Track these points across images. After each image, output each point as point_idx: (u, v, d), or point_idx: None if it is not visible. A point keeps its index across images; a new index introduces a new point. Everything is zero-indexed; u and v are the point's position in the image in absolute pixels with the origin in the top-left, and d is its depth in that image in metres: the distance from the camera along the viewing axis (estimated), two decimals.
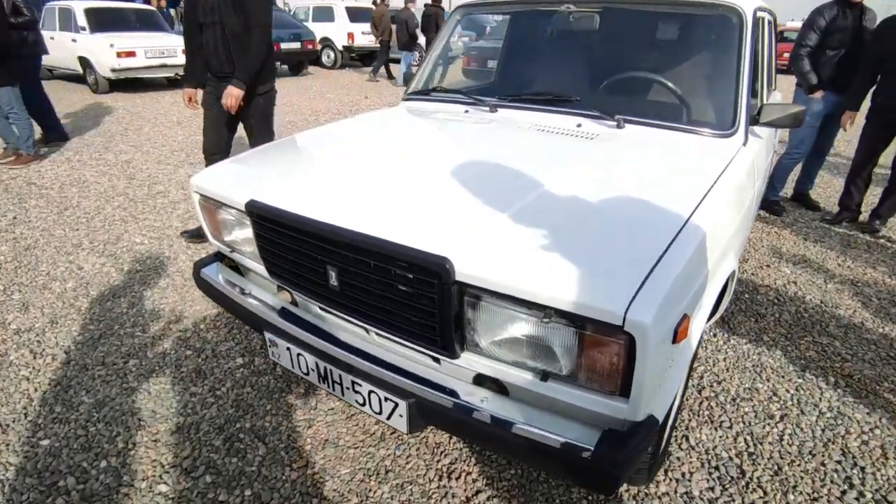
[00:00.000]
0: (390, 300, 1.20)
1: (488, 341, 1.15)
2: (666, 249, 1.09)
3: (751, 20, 1.82)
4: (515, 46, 2.66)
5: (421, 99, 2.30)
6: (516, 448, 1.14)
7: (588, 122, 1.84)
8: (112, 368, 2.06)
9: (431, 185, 1.38)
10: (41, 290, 2.61)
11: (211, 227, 1.70)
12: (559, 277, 1.02)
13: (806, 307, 2.68)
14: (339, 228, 1.21)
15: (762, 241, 3.48)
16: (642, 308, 0.94)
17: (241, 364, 2.10)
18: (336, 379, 1.36)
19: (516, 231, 1.16)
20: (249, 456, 1.68)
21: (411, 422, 1.25)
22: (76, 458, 1.65)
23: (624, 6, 2.03)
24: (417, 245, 1.12)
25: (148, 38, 8.21)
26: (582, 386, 1.08)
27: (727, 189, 1.48)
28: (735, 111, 1.74)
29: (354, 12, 12.63)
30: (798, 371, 2.18)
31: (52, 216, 3.51)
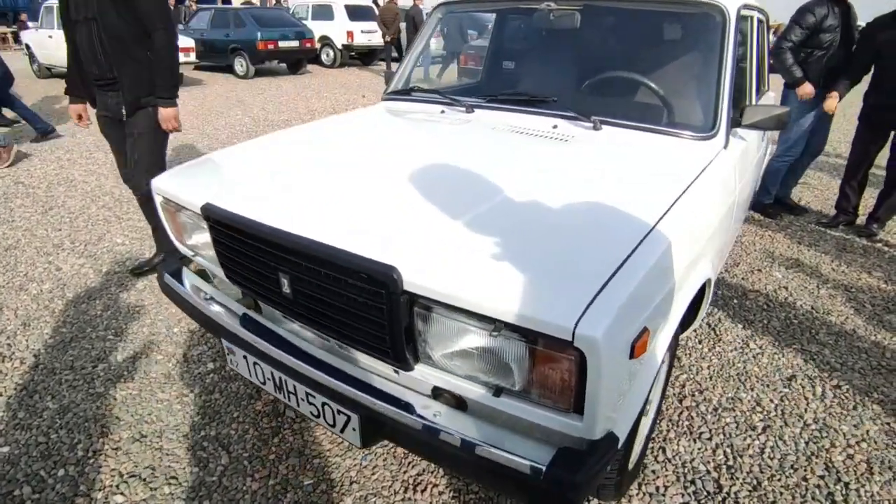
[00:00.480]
0: (341, 310, 1.15)
1: (440, 354, 1.10)
2: (625, 260, 1.04)
3: (734, 19, 1.76)
4: (498, 46, 2.61)
5: (399, 99, 2.25)
6: (467, 465, 1.09)
7: (564, 123, 1.78)
8: (80, 373, 2.02)
9: (389, 191, 1.33)
10: (17, 291, 2.58)
11: (174, 230, 1.65)
12: (509, 289, 0.97)
13: (796, 313, 2.62)
14: (287, 234, 1.16)
15: (755, 244, 3.41)
16: (593, 322, 0.89)
17: (212, 369, 2.06)
18: (291, 389, 1.31)
19: (470, 240, 1.11)
20: (211, 465, 1.64)
21: (364, 436, 1.21)
22: (34, 467, 1.61)
23: (606, 4, 1.97)
24: (366, 253, 1.07)
25: None
26: (535, 402, 1.03)
27: (702, 194, 1.42)
28: (715, 113, 1.68)
29: (354, 10, 12.58)
30: (784, 381, 2.12)
31: (37, 216, 3.48)
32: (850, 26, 3.29)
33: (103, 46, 2.24)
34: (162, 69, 2.29)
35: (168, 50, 2.28)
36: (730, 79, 1.70)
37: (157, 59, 2.28)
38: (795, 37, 3.27)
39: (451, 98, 2.04)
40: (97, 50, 2.25)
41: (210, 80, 10.17)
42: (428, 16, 2.43)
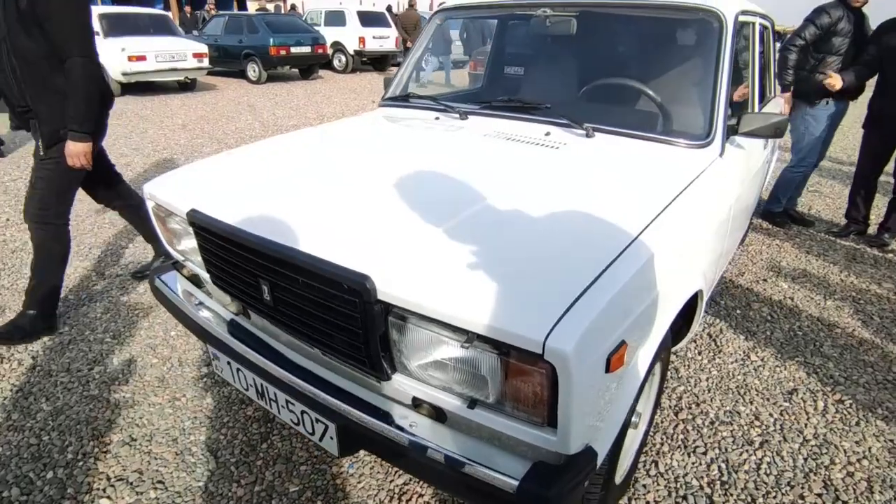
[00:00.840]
0: (319, 318, 1.14)
1: (416, 364, 1.09)
2: (603, 271, 1.01)
3: (732, 25, 1.73)
4: (499, 51, 2.60)
5: (397, 105, 2.25)
6: (440, 476, 1.08)
7: (557, 130, 1.76)
8: (76, 375, 2.04)
9: (371, 199, 1.32)
10: (21, 293, 2.61)
11: (165, 234, 1.66)
12: (482, 299, 0.95)
13: (801, 325, 2.56)
14: (266, 241, 1.16)
15: (761, 253, 3.35)
16: (564, 335, 0.87)
17: (206, 374, 2.07)
18: (272, 397, 1.31)
19: (446, 248, 1.10)
20: (199, 470, 1.64)
21: (342, 445, 1.20)
22: (24, 469, 1.62)
23: (601, 10, 1.95)
24: (341, 261, 1.06)
25: (159, 42, 8.31)
26: (509, 415, 1.01)
27: (693, 203, 1.40)
28: (711, 120, 1.65)
29: (366, 17, 12.69)
30: (785, 394, 2.07)
31: None
32: (863, 35, 3.23)
33: (14, 72, 1.97)
34: (76, 100, 1.98)
35: (84, 81, 1.96)
36: (726, 86, 1.67)
37: (71, 88, 1.97)
38: (809, 35, 3.20)
39: (446, 105, 2.04)
40: (9, 75, 1.99)
41: (223, 84, 10.30)
42: (427, 21, 2.43)
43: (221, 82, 10.59)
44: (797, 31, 3.29)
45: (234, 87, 10.11)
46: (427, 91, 2.40)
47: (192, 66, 8.66)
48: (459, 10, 2.35)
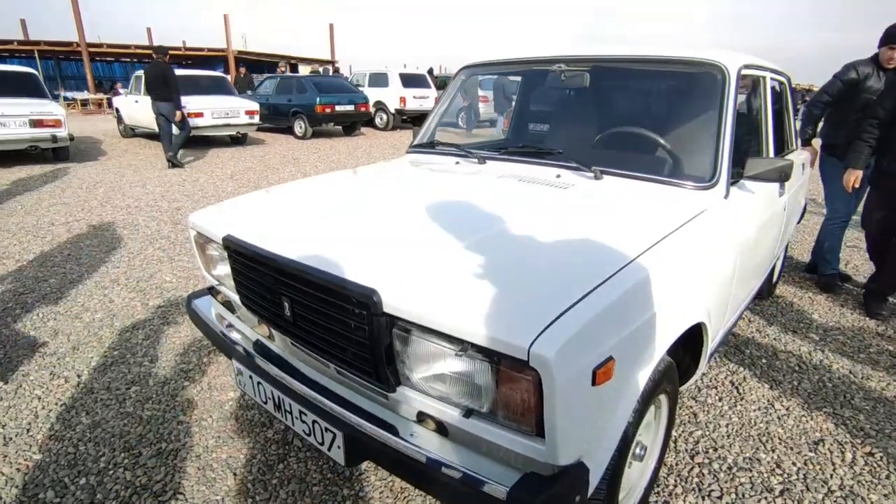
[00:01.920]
0: (332, 330, 1.25)
1: (418, 375, 1.16)
2: (593, 289, 1.09)
3: (734, 77, 1.84)
4: (522, 106, 2.77)
5: (422, 151, 2.42)
6: (438, 486, 1.12)
7: (567, 173, 1.87)
8: (114, 393, 2.18)
9: (386, 225, 1.44)
10: (73, 319, 2.83)
11: (203, 261, 1.83)
12: (477, 312, 1.04)
13: (831, 377, 2.48)
14: (287, 260, 1.29)
15: (791, 305, 3.29)
16: (548, 343, 0.94)
17: (232, 398, 2.17)
18: (287, 408, 1.40)
19: (450, 267, 1.20)
20: (218, 485, 1.71)
21: (348, 454, 1.26)
22: (60, 474, 1.74)
23: (612, 65, 2.10)
24: (352, 277, 1.17)
25: (215, 100, 9.05)
26: (501, 424, 1.07)
27: (693, 237, 1.46)
28: (715, 164, 1.73)
29: (408, 78, 13.44)
30: (810, 444, 2.00)
31: (101, 255, 3.84)
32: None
33: None
34: None
35: None
36: (730, 132, 1.76)
37: None
38: (835, 91, 3.20)
39: (466, 150, 2.19)
40: None
41: (271, 140, 11.00)
42: (453, 78, 2.64)
43: (270, 137, 11.31)
44: (824, 88, 3.33)
45: (282, 141, 10.78)
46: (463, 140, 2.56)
47: (244, 122, 9.34)
48: (483, 67, 2.55)
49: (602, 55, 2.10)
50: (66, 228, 4.46)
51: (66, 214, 4.91)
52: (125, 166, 7.54)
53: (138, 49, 23.73)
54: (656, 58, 1.99)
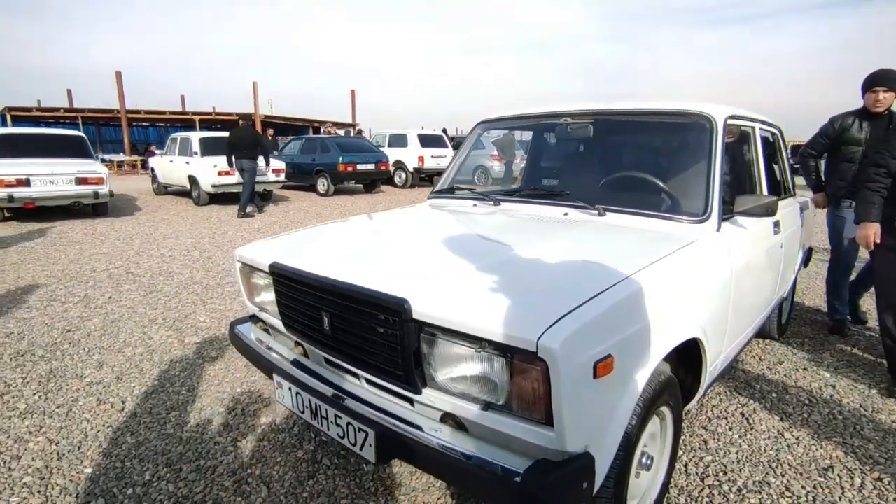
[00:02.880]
0: (366, 339, 1.43)
1: (442, 375, 1.33)
2: (595, 295, 1.26)
3: (721, 126, 2.06)
4: (532, 154, 3.03)
5: (441, 196, 2.66)
6: (460, 474, 1.26)
7: (574, 211, 2.08)
8: (156, 417, 2.34)
9: (410, 250, 1.65)
10: (116, 353, 3.04)
11: (247, 290, 2.04)
12: (493, 314, 1.21)
13: (841, 410, 2.54)
14: (327, 279, 1.49)
15: (803, 344, 3.36)
16: (553, 336, 1.11)
17: (264, 423, 2.32)
18: (324, 414, 1.55)
19: (470, 281, 1.39)
20: (252, 497, 1.84)
21: (378, 451, 1.40)
22: (109, 485, 1.88)
23: (612, 117, 2.35)
24: (385, 290, 1.37)
25: None
26: (515, 415, 1.22)
27: (687, 260, 1.64)
28: (706, 200, 1.92)
29: (426, 139, 14.10)
30: (820, 470, 2.06)
31: (139, 297, 4.09)
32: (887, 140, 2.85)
33: None
34: None
35: None
36: (719, 172, 1.96)
37: None
38: (816, 147, 3.42)
39: (482, 194, 2.42)
40: None
41: (295, 196, 11.52)
42: (470, 132, 2.92)
43: (294, 195, 11.85)
44: (809, 143, 3.47)
45: (305, 198, 11.28)
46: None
47: (271, 179, 9.86)
48: (497, 122, 2.83)
49: (603, 108, 2.36)
50: (106, 275, 4.76)
51: (107, 262, 5.24)
52: (158, 221, 7.98)
53: (172, 114, 25.29)
54: (652, 110, 2.23)
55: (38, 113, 21.81)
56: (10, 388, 2.61)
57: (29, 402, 2.48)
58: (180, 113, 25.79)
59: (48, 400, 2.49)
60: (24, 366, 2.85)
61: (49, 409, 2.41)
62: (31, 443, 2.15)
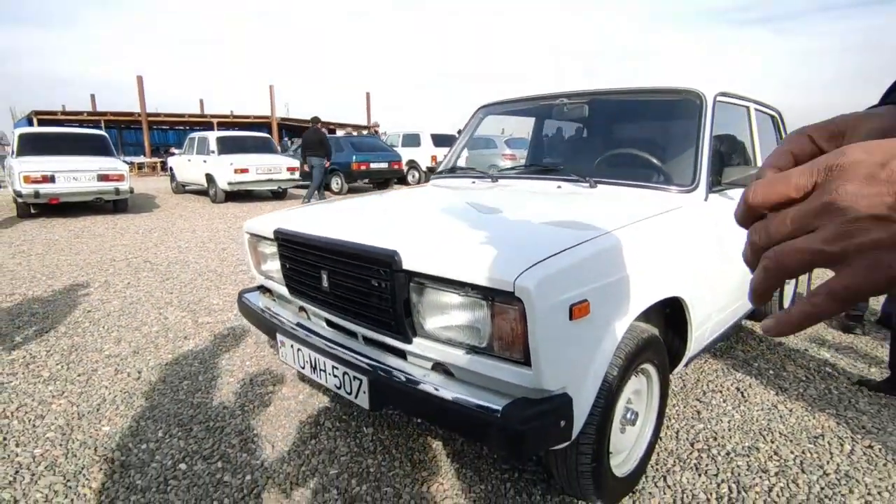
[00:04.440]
0: (361, 292, 1.52)
1: (431, 324, 1.41)
2: (572, 246, 1.34)
3: (711, 102, 2.12)
4: (535, 138, 3.10)
5: (443, 177, 2.75)
6: (445, 415, 1.34)
7: (567, 184, 2.15)
8: (169, 385, 2.47)
9: (405, 215, 1.74)
10: (133, 331, 3.18)
11: (254, 260, 2.15)
12: (476, 261, 1.30)
13: (837, 386, 2.57)
14: (325, 238, 1.59)
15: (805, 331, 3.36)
16: (529, 277, 1.19)
17: (271, 391, 2.43)
18: (322, 367, 1.65)
19: (459, 235, 1.47)
20: (258, 454, 1.94)
21: (372, 399, 1.49)
22: (125, 440, 2.00)
23: (608, 97, 2.42)
24: (377, 245, 1.46)
25: (259, 158, 9.84)
26: (497, 357, 1.30)
27: (672, 224, 1.70)
28: (695, 171, 1.98)
29: (439, 138, 14.21)
30: (810, 438, 2.10)
31: (156, 283, 4.25)
32: None
33: None
34: None
35: None
36: (708, 145, 2.02)
37: None
38: None
39: (482, 172, 2.51)
40: None
41: None
42: (472, 117, 3.01)
43: None
44: None
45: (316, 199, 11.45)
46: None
47: (286, 177, 10.06)
48: (497, 105, 2.91)
49: (599, 89, 2.43)
50: (125, 264, 4.94)
51: (126, 253, 5.42)
52: (176, 217, 8.20)
53: (191, 117, 25.82)
54: (646, 89, 2.30)
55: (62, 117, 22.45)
56: (35, 359, 2.76)
57: (52, 370, 2.62)
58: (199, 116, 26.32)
59: (69, 369, 2.63)
60: (48, 341, 3.01)
61: (70, 377, 2.55)
62: (53, 405, 2.28)
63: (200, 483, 1.77)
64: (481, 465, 1.88)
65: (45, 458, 1.90)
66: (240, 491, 1.73)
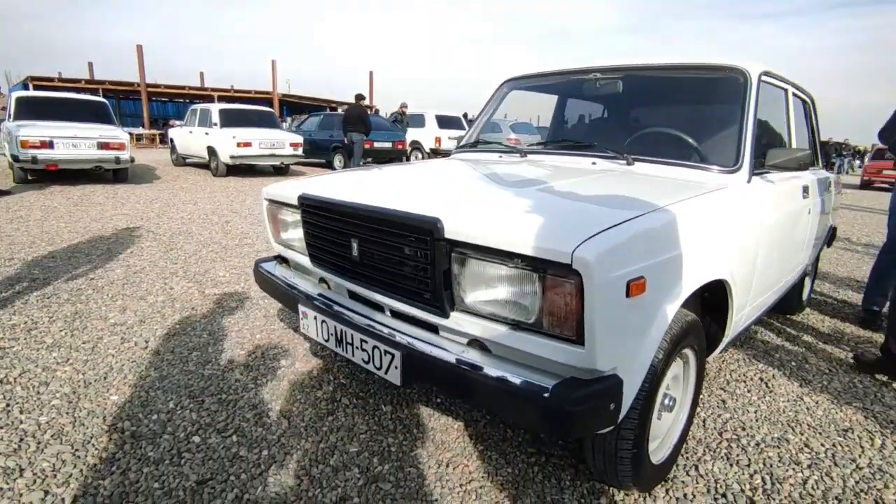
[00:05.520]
0: (396, 262, 1.43)
1: (472, 297, 1.33)
2: (628, 219, 1.25)
3: (756, 80, 2.02)
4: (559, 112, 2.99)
5: (467, 150, 2.65)
6: (487, 393, 1.26)
7: (602, 161, 2.06)
8: (178, 356, 2.38)
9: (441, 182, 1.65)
10: (138, 300, 3.09)
11: (273, 228, 2.05)
12: (527, 230, 1.21)
13: (861, 379, 2.51)
14: (357, 204, 1.49)
15: (824, 321, 3.32)
16: (589, 249, 1.10)
17: (284, 365, 2.35)
18: (349, 340, 1.57)
19: (503, 204, 1.38)
20: (274, 428, 1.87)
21: (404, 373, 1.42)
22: (134, 411, 1.92)
23: (644, 73, 2.31)
24: (416, 211, 1.37)
25: (263, 132, 9.65)
26: (545, 334, 1.22)
27: (717, 203, 1.62)
28: (738, 151, 1.89)
29: (444, 120, 14.03)
30: (839, 431, 2.05)
31: (160, 253, 4.15)
32: None
33: None
34: None
35: None
36: (752, 125, 1.93)
37: None
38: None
39: (508, 147, 2.41)
40: None
41: (310, 172, 11.55)
42: (496, 90, 2.90)
43: (310, 170, 11.87)
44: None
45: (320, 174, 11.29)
46: None
47: (289, 153, 9.89)
48: (524, 79, 2.80)
49: (635, 64, 2.33)
50: (128, 233, 4.83)
51: (127, 222, 5.30)
52: (178, 189, 8.05)
53: (192, 90, 25.40)
54: (686, 65, 2.19)
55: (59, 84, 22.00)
56: (38, 324, 2.67)
57: (56, 337, 2.53)
58: (199, 89, 25.89)
59: (74, 336, 2.55)
60: (50, 307, 2.91)
61: (75, 344, 2.46)
62: (58, 372, 2.20)
63: (216, 457, 1.69)
64: (506, 447, 1.82)
65: (51, 426, 1.82)
66: (257, 466, 1.66)
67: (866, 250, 5.78)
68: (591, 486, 1.64)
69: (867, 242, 6.30)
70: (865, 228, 7.44)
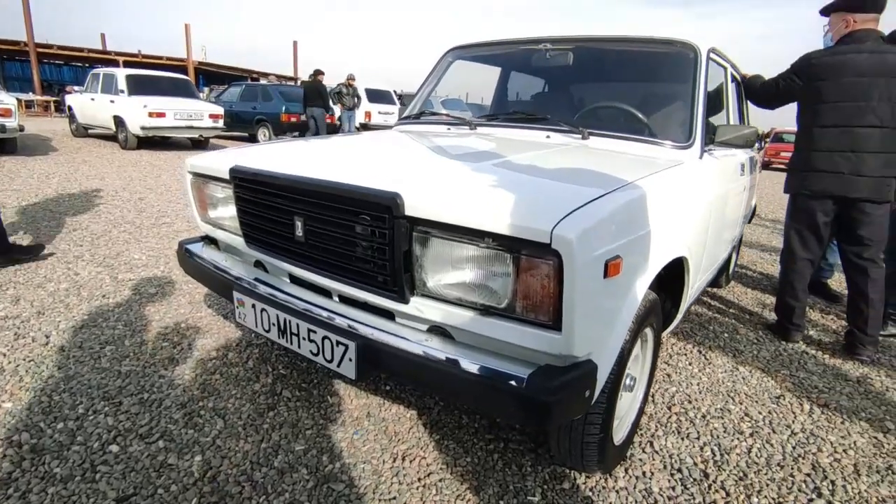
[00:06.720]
0: (348, 243, 1.28)
1: (435, 280, 1.21)
2: (603, 195, 1.18)
3: (705, 55, 2.02)
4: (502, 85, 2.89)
5: (410, 122, 2.49)
6: (457, 383, 1.16)
7: (556, 135, 1.99)
8: (88, 352, 2.09)
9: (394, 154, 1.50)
10: (35, 288, 2.70)
11: (199, 205, 1.81)
12: (499, 207, 1.10)
13: (786, 348, 2.67)
14: (304, 178, 1.32)
15: (747, 293, 3.52)
16: (569, 227, 1.01)
17: (215, 356, 2.13)
18: (294, 330, 1.40)
19: (469, 179, 1.26)
20: (207, 429, 1.67)
21: (359, 366, 1.28)
22: (35, 419, 1.65)
23: (596, 45, 2.25)
24: (372, 185, 1.22)
25: (179, 102, 8.86)
26: (519, 319, 1.12)
27: (675, 180, 1.59)
28: (691, 127, 1.88)
29: (374, 94, 13.57)
30: (772, 398, 2.15)
31: (61, 235, 3.67)
32: None
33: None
34: None
35: None
36: (702, 100, 1.92)
37: None
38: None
39: (456, 118, 2.28)
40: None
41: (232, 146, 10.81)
42: (440, 60, 2.74)
43: (231, 144, 11.11)
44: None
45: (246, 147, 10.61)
46: None
47: (208, 125, 9.18)
48: (470, 48, 2.67)
49: (586, 35, 2.26)
50: (17, 211, 4.24)
51: (18, 199, 4.67)
52: (79, 162, 7.23)
53: (91, 52, 22.94)
54: (637, 38, 2.15)
55: None
56: None
57: None
58: (100, 52, 23.43)
59: None
60: None
61: None
62: None
63: (139, 468, 1.48)
64: (463, 435, 1.74)
65: None
66: (189, 475, 1.47)
67: (774, 225, 6.23)
68: (553, 471, 1.60)
69: (774, 218, 6.80)
70: (771, 205, 8.05)
